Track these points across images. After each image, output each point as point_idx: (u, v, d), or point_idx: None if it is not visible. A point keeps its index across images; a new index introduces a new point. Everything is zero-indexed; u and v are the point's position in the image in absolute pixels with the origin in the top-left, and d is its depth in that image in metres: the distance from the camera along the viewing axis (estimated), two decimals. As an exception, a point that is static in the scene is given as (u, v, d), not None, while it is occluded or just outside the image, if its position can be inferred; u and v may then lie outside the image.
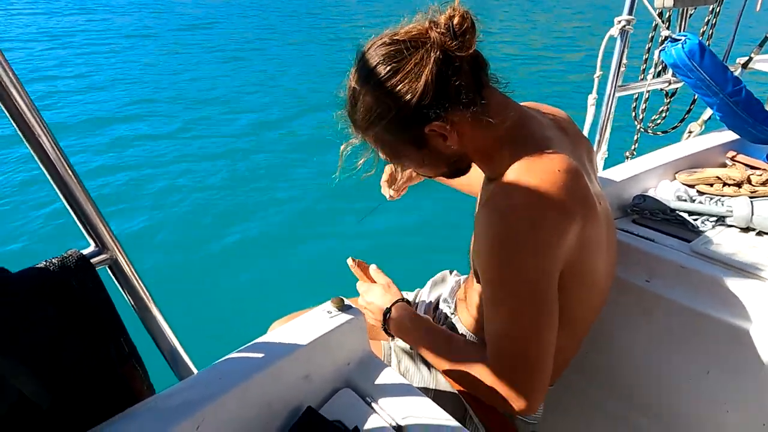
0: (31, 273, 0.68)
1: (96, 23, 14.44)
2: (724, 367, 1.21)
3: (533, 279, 0.79)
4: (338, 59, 10.72)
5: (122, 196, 4.77)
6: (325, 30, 14.00)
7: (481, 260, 0.83)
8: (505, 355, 0.84)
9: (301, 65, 10.36)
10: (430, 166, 0.93)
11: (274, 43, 12.41)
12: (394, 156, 0.92)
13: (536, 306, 0.81)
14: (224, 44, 12.26)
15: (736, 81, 1.38)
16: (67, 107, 7.58)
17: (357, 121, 0.87)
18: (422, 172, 0.98)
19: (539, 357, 0.83)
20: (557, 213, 0.79)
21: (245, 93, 8.76)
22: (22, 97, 0.67)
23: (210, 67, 10.71)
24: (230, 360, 0.80)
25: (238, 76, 9.76)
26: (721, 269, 1.21)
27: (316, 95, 8.48)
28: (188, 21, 15.02)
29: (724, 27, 2.27)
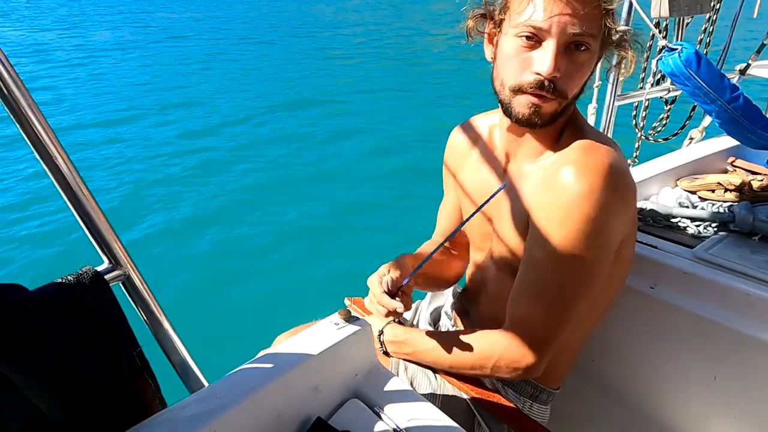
0: (47, 290, 0.70)
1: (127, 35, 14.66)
2: (731, 372, 1.21)
3: (604, 243, 0.88)
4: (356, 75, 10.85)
5: (133, 212, 4.84)
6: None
7: (552, 217, 0.87)
8: (543, 307, 0.91)
9: (323, 80, 10.49)
10: (586, 73, 0.89)
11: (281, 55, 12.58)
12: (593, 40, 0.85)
13: (596, 269, 0.89)
14: (246, 58, 12.41)
15: (733, 88, 1.40)
16: (77, 122, 7.68)
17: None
18: (579, 76, 0.88)
19: (569, 317, 0.91)
20: (630, 184, 0.89)
21: (255, 108, 8.87)
22: (37, 116, 0.69)
23: (223, 80, 10.84)
24: (240, 372, 0.81)
25: (253, 91, 9.88)
26: (725, 275, 1.21)
27: (333, 110, 8.58)
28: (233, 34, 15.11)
29: (722, 35, 2.30)
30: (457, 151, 1.17)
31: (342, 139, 7.25)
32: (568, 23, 0.80)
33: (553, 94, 0.85)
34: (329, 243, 4.26)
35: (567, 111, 0.93)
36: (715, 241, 1.33)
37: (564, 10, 0.79)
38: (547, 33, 0.81)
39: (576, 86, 0.88)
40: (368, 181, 5.47)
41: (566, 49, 0.83)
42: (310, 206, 5.02)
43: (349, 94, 9.54)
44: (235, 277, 3.78)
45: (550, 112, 0.88)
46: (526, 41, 0.84)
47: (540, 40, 0.83)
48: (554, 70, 0.82)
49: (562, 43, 0.82)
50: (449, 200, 1.27)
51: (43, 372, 0.67)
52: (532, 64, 0.84)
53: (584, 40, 0.82)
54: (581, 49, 0.83)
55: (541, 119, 0.88)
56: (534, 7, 0.81)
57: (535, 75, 0.84)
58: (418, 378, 1.13)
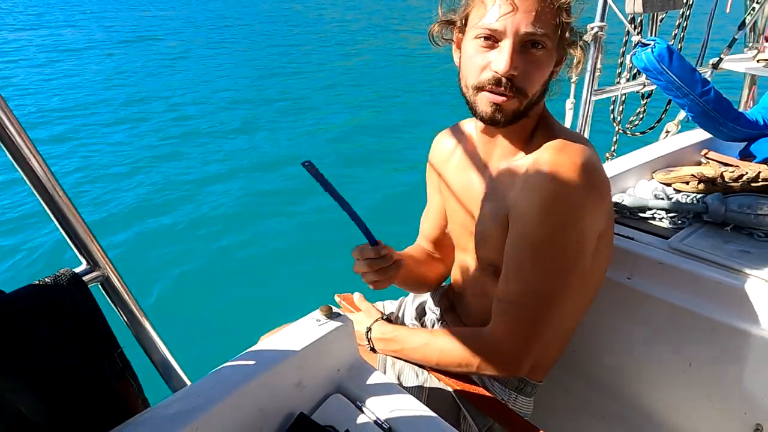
0: (25, 292, 0.69)
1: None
2: (705, 359, 1.25)
3: (581, 240, 0.90)
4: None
5: (110, 211, 4.77)
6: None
7: (529, 218, 0.90)
8: (526, 307, 0.93)
9: (320, 88, 10.45)
10: (545, 71, 0.90)
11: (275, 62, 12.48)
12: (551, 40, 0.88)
13: (574, 267, 0.92)
14: (236, 60, 12.29)
15: (704, 82, 1.43)
16: (51, 123, 7.55)
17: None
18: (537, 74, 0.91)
19: (553, 315, 0.94)
20: (603, 181, 0.92)
21: (236, 110, 8.80)
22: (9, 118, 0.69)
23: (204, 84, 10.73)
24: (223, 370, 0.82)
25: (235, 94, 9.80)
26: (699, 264, 1.25)
27: (321, 112, 8.54)
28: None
29: (696, 29, 2.34)
30: (440, 155, 1.20)
31: (327, 137, 7.24)
32: (521, 23, 0.83)
33: (512, 92, 0.88)
34: (314, 242, 4.25)
35: (534, 110, 0.95)
36: (689, 232, 1.36)
37: (517, 11, 0.83)
38: (502, 34, 0.85)
39: (536, 84, 0.89)
40: (353, 180, 5.47)
41: (522, 48, 0.86)
42: (294, 205, 5.00)
43: (328, 95, 9.53)
44: (219, 278, 3.76)
45: (512, 110, 0.90)
46: (484, 42, 0.87)
47: (497, 40, 0.86)
48: (510, 68, 0.85)
49: (518, 42, 0.85)
50: (433, 204, 1.29)
51: (23, 374, 0.67)
52: (491, 63, 0.87)
53: (539, 39, 0.85)
54: (537, 47, 0.86)
55: (504, 117, 0.91)
56: (490, 11, 0.85)
57: (493, 73, 0.87)
58: (405, 372, 1.15)
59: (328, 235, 4.32)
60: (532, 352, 0.96)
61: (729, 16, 2.52)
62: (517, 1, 0.83)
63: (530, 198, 0.90)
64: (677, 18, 2.11)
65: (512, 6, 0.83)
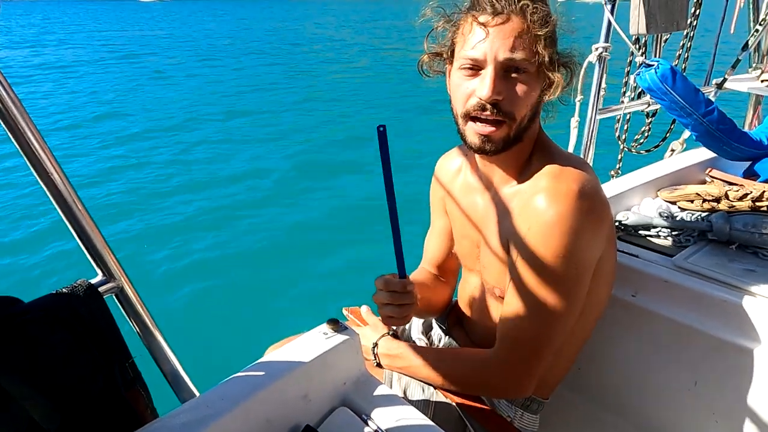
0: (42, 302, 0.72)
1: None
2: (711, 378, 1.25)
3: (580, 265, 0.91)
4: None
5: (126, 224, 4.85)
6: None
7: (527, 245, 0.91)
8: (528, 332, 0.94)
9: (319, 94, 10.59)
10: (530, 95, 0.92)
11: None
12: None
13: (575, 290, 0.93)
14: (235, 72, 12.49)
15: (708, 102, 1.45)
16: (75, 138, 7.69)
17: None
18: (523, 97, 0.92)
19: (554, 338, 0.95)
20: (601, 204, 0.93)
21: (248, 122, 8.91)
22: (32, 131, 0.72)
23: (215, 96, 10.90)
24: (231, 381, 0.83)
25: (247, 104, 9.93)
26: (703, 282, 1.25)
27: (323, 120, 8.62)
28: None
29: (701, 50, 2.37)
30: (445, 176, 1.22)
31: (337, 152, 7.30)
32: (500, 50, 0.87)
33: (500, 116, 0.90)
34: (322, 256, 4.28)
35: (528, 135, 0.97)
36: (694, 250, 1.37)
37: (496, 39, 0.87)
38: (483, 62, 0.89)
39: (522, 107, 0.91)
40: (361, 194, 5.51)
41: (504, 74, 0.89)
42: (303, 219, 5.04)
43: (337, 107, 9.62)
44: (228, 289, 3.79)
45: (501, 138, 0.92)
46: (468, 71, 0.91)
47: (480, 68, 0.90)
48: (493, 93, 0.88)
49: (499, 68, 0.88)
50: (437, 226, 1.30)
51: (38, 383, 0.69)
52: (475, 90, 0.90)
53: (519, 64, 0.88)
54: (519, 72, 0.89)
55: (493, 146, 0.93)
56: (470, 41, 0.90)
57: (477, 99, 0.90)
58: (411, 387, 1.16)
59: (336, 249, 4.35)
60: (535, 375, 0.97)
61: (733, 36, 2.55)
62: (496, 29, 0.87)
63: (529, 225, 0.91)
64: (681, 39, 2.13)
65: (493, 34, 0.87)
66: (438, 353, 1.10)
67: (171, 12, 21.37)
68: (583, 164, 0.97)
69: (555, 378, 1.14)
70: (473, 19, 0.89)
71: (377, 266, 1.16)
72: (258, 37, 18.79)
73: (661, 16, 1.75)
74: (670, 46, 2.17)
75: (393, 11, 23.23)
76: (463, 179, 1.17)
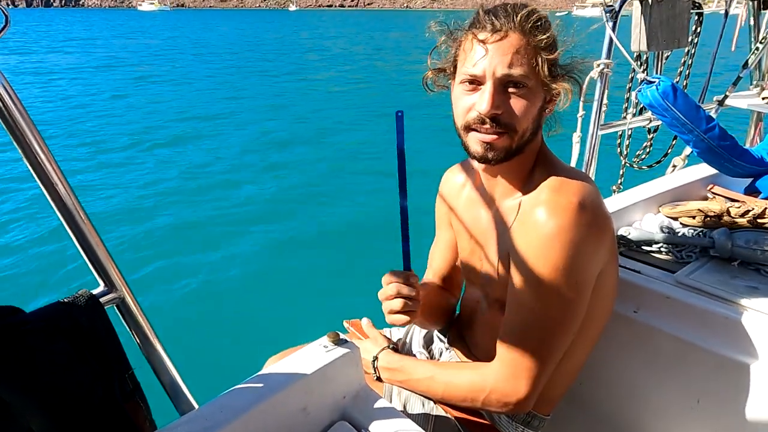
0: (44, 312, 0.72)
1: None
2: (714, 396, 1.24)
3: (580, 279, 0.92)
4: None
5: (128, 234, 4.87)
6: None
7: (527, 257, 0.92)
8: (527, 346, 0.94)
9: (334, 110, 10.71)
10: (530, 108, 0.93)
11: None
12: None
13: (574, 304, 0.93)
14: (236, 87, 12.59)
15: (709, 119, 1.46)
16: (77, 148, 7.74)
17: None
18: (523, 110, 0.93)
19: (554, 352, 0.95)
20: (602, 218, 0.94)
21: (253, 133, 8.97)
22: (38, 142, 0.73)
23: (219, 107, 10.98)
24: (230, 394, 0.83)
25: (249, 119, 10.02)
26: (705, 299, 1.25)
27: (327, 135, 8.68)
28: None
29: (703, 66, 2.39)
30: (450, 189, 1.23)
31: (339, 161, 7.33)
32: (498, 66, 0.89)
33: (501, 128, 0.92)
34: (322, 266, 4.28)
35: (530, 147, 0.98)
36: (696, 267, 1.36)
37: (494, 56, 0.89)
38: (483, 78, 0.91)
39: (523, 120, 0.92)
40: (363, 205, 5.52)
41: (503, 89, 0.91)
42: (304, 230, 5.05)
43: (344, 118, 9.67)
44: (230, 300, 3.79)
45: (503, 147, 0.94)
46: (468, 86, 0.94)
47: (480, 83, 0.92)
48: (492, 107, 0.90)
49: (497, 84, 0.91)
50: (442, 239, 1.31)
51: (37, 392, 0.69)
52: (475, 104, 0.93)
53: (517, 79, 0.90)
54: (518, 87, 0.91)
55: (496, 154, 0.95)
56: (470, 57, 0.93)
57: (477, 113, 0.92)
58: (411, 401, 1.15)
59: (338, 260, 4.35)
60: (536, 390, 0.96)
61: (735, 53, 2.57)
62: (495, 45, 0.90)
63: (529, 237, 0.92)
64: (683, 56, 2.15)
65: (491, 51, 0.90)
66: (438, 367, 1.09)
67: (170, 19, 21.76)
68: (585, 178, 0.98)
69: (556, 393, 1.13)
70: (473, 36, 0.92)
71: (379, 279, 1.16)
72: (253, 47, 19.06)
73: (662, 34, 1.77)
74: (671, 63, 2.18)
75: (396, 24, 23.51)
76: (467, 193, 1.18)
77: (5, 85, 0.71)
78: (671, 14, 1.77)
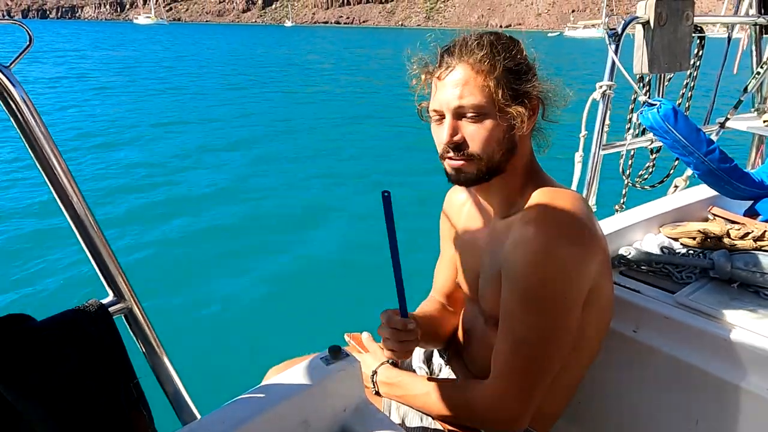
0: (54, 321, 0.74)
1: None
2: (713, 417, 1.24)
3: (569, 295, 0.93)
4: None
5: (134, 244, 4.91)
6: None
7: (516, 274, 0.94)
8: (519, 363, 0.96)
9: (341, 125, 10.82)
10: (492, 134, 0.96)
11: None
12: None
13: (563, 320, 0.95)
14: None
15: (709, 142, 1.48)
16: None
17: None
18: (484, 137, 0.97)
19: (546, 369, 0.96)
20: (589, 235, 0.95)
21: (256, 144, 9.04)
22: (54, 152, 0.75)
23: (230, 119, 11.09)
24: (231, 405, 0.84)
25: (256, 133, 10.12)
26: (704, 320, 1.25)
27: (328, 148, 8.74)
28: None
29: (706, 89, 2.42)
30: (452, 207, 1.27)
31: (340, 176, 7.37)
32: (450, 100, 0.96)
33: (464, 156, 0.98)
34: (325, 278, 4.29)
35: (512, 166, 1.01)
36: (696, 288, 1.37)
37: (447, 90, 0.96)
38: (441, 112, 0.98)
39: (485, 146, 0.96)
40: (366, 218, 5.54)
41: (462, 119, 0.97)
42: (308, 242, 5.07)
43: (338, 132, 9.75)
44: (232, 311, 3.81)
45: (471, 171, 0.99)
46: (436, 120, 1.01)
47: (443, 117, 0.99)
48: (450, 138, 0.97)
49: (454, 115, 0.97)
50: (446, 256, 1.33)
51: (43, 398, 0.71)
52: (441, 136, 0.99)
53: (468, 109, 0.95)
54: (475, 115, 0.95)
55: (465, 178, 1.00)
56: (433, 94, 1.01)
57: (443, 144, 0.99)
58: (410, 416, 1.16)
59: (341, 274, 4.36)
60: (529, 406, 0.97)
61: (738, 76, 2.60)
62: (447, 81, 0.96)
63: (517, 254, 0.94)
64: (685, 78, 2.18)
65: (445, 86, 0.97)
66: (436, 383, 1.10)
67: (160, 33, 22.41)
68: (574, 195, 1.00)
69: (553, 411, 1.14)
70: (432, 75, 1.00)
71: (382, 292, 1.19)
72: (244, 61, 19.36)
73: (664, 57, 1.80)
74: (674, 86, 2.21)
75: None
76: (466, 211, 1.21)
77: (24, 97, 0.73)
78: (673, 38, 1.80)
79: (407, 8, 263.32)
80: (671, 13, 1.73)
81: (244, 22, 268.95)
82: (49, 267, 4.36)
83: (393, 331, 1.03)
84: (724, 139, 2.27)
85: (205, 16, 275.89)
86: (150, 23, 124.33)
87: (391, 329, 1.03)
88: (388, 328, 1.04)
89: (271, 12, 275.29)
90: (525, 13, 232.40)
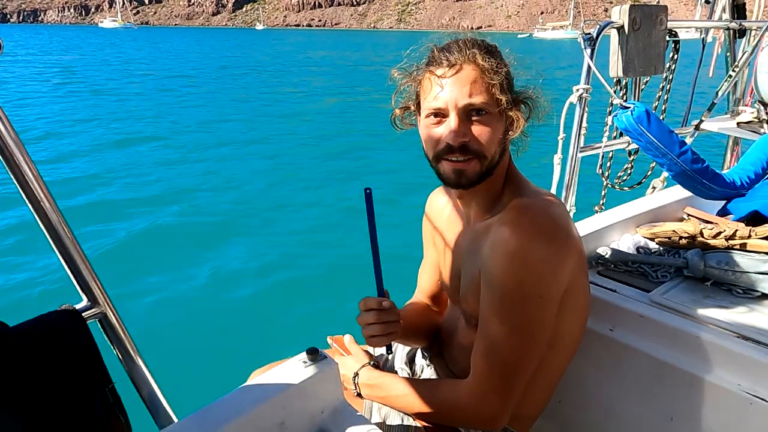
0: (27, 326, 0.74)
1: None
2: (686, 413, 1.26)
3: (544, 294, 0.95)
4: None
5: (109, 248, 4.83)
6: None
7: (493, 274, 0.95)
8: (497, 361, 0.97)
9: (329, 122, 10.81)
10: (495, 133, 0.98)
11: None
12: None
13: (540, 318, 0.97)
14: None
15: (682, 143, 1.52)
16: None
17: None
18: (488, 136, 0.98)
19: (523, 368, 0.98)
20: (566, 237, 0.97)
21: (237, 142, 8.99)
22: (25, 158, 0.75)
23: (201, 121, 11.03)
24: (208, 408, 0.84)
25: (240, 134, 10.07)
26: (678, 318, 1.28)
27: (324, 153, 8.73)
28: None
29: (682, 92, 2.48)
30: (434, 211, 1.28)
31: (326, 175, 7.36)
32: (459, 97, 0.95)
33: (469, 154, 0.97)
34: (307, 280, 4.28)
35: (498, 170, 1.03)
36: (670, 286, 1.40)
37: (454, 88, 0.95)
38: (446, 110, 0.97)
39: (490, 145, 0.97)
40: (347, 220, 5.54)
41: (468, 117, 0.96)
42: (288, 243, 5.06)
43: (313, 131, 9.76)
44: (213, 314, 3.78)
45: (475, 172, 0.99)
46: (433, 119, 0.99)
47: (444, 116, 0.97)
48: (458, 136, 0.95)
49: (461, 113, 0.96)
50: (429, 259, 1.35)
51: (17, 405, 0.70)
52: (443, 135, 0.98)
53: (478, 107, 0.95)
54: (481, 114, 0.96)
55: (467, 179, 0.99)
56: (432, 92, 0.98)
57: (446, 144, 0.97)
58: (391, 417, 1.17)
59: (324, 276, 4.35)
60: (507, 405, 0.99)
61: (713, 79, 2.66)
62: (452, 79, 0.95)
63: (494, 256, 0.96)
64: (660, 82, 2.23)
65: (450, 84, 0.95)
66: (416, 384, 1.12)
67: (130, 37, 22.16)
68: (551, 198, 1.03)
69: (533, 410, 1.15)
70: (431, 73, 0.98)
71: (365, 293, 1.19)
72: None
73: (639, 61, 1.84)
74: (650, 88, 2.26)
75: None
76: (447, 214, 1.23)
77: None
78: (648, 42, 1.84)
79: (379, 10, 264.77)
80: (645, 18, 1.77)
81: (214, 25, 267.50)
82: (22, 272, 4.29)
83: (370, 313, 1.02)
84: (704, 141, 2.32)
85: (173, 20, 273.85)
86: (116, 27, 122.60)
87: (367, 311, 1.03)
88: (365, 311, 1.03)
89: (242, 15, 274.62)
90: (495, 15, 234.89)
